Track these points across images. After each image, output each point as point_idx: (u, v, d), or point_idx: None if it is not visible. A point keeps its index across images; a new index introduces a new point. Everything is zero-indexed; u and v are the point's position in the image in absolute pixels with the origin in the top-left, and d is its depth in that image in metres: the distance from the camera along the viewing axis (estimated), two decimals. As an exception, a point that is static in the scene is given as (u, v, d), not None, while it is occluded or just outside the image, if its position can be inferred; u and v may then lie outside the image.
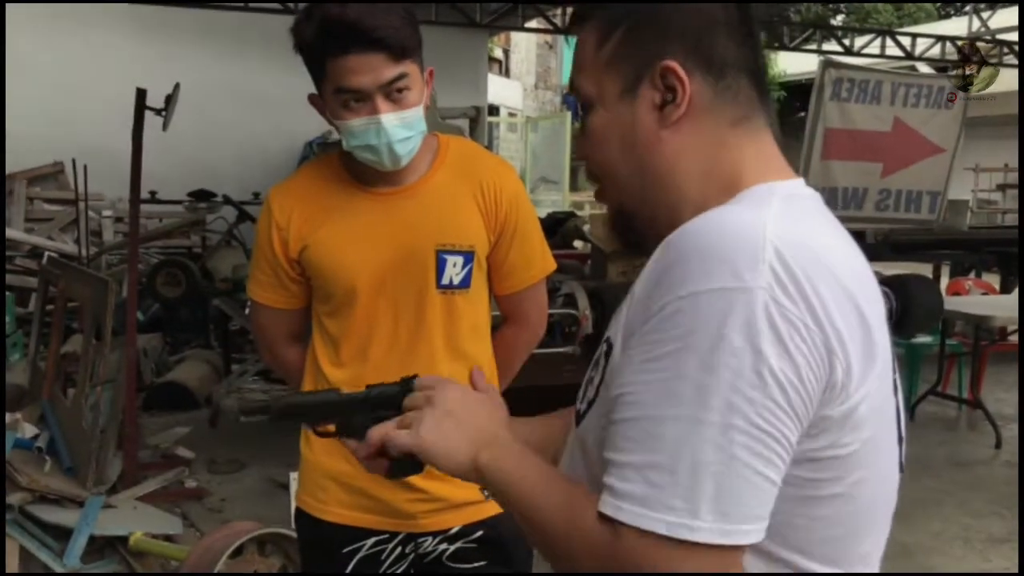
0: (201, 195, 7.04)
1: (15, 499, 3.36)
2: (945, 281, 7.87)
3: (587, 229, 7.07)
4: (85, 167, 6.51)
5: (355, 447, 1.06)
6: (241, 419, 4.58)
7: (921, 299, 5.86)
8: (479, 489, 0.95)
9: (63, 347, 4.63)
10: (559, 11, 9.04)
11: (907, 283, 6.00)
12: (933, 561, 3.67)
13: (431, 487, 1.59)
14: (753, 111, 0.91)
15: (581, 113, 0.95)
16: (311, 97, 1.59)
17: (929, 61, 9.96)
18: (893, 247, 7.45)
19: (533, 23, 9.31)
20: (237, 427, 4.95)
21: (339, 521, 1.64)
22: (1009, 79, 8.63)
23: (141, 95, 4.05)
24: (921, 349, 5.99)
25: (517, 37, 21.92)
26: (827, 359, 0.75)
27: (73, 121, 7.57)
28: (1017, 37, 9.51)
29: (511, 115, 21.74)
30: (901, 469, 0.92)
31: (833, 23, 16.76)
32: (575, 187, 17.42)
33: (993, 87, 7.03)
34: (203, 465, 4.51)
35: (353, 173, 1.63)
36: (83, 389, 3.90)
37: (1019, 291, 6.25)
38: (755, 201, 0.83)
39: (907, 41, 9.82)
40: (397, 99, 1.51)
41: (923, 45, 9.85)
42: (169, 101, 4.15)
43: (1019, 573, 3.56)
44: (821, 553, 0.82)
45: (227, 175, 7.55)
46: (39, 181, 7.92)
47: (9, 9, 6.97)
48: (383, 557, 1.66)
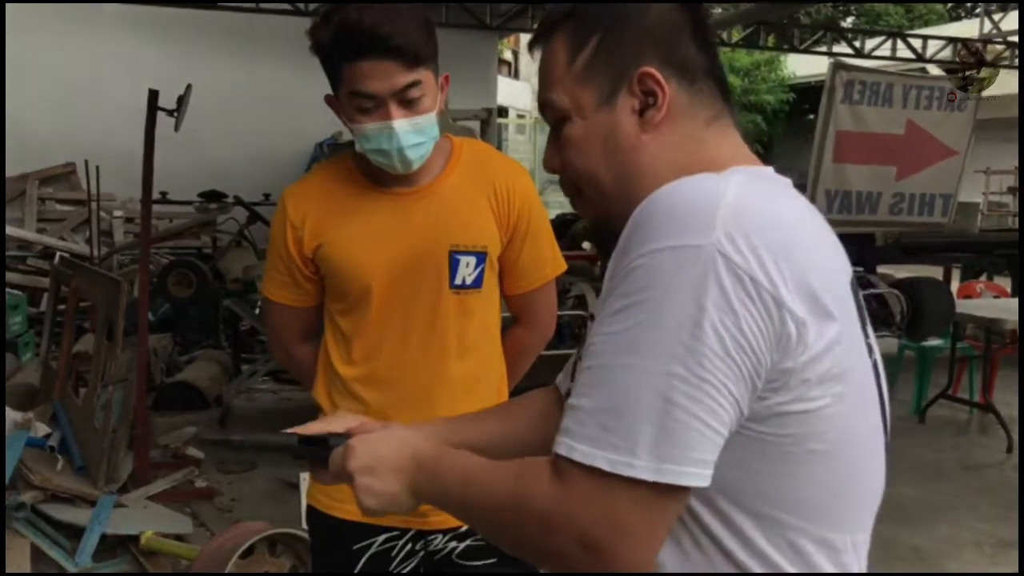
0: (212, 196, 7.07)
1: (27, 497, 3.39)
2: (956, 284, 7.83)
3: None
4: (97, 168, 6.55)
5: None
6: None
7: (932, 302, 5.86)
8: None
9: (75, 347, 4.65)
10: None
11: (918, 286, 6.00)
12: (943, 565, 3.65)
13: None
14: (721, 111, 0.96)
15: (553, 127, 0.98)
16: (327, 98, 1.61)
17: (940, 63, 9.92)
18: (903, 249, 7.43)
19: (543, 25, 9.30)
20: (247, 428, 4.96)
21: (351, 518, 1.65)
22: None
23: (153, 96, 4.07)
24: (932, 352, 5.97)
25: (526, 39, 21.91)
26: (776, 311, 0.78)
27: (85, 122, 7.63)
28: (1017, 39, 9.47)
29: (520, 117, 21.76)
30: (885, 432, 0.93)
31: (843, 25, 16.74)
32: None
33: (1004, 89, 6.99)
34: (213, 465, 4.53)
35: (367, 174, 1.65)
36: (95, 388, 3.92)
37: (1019, 291, 6.22)
38: (722, 175, 0.86)
39: (918, 43, 9.80)
40: (410, 105, 1.52)
41: (934, 47, 9.82)
42: (181, 102, 4.17)
43: (1019, 573, 3.55)
44: (807, 514, 0.85)
45: (238, 176, 7.57)
46: (51, 182, 7.98)
47: (21, 11, 7.04)
48: (393, 554, 1.67)
